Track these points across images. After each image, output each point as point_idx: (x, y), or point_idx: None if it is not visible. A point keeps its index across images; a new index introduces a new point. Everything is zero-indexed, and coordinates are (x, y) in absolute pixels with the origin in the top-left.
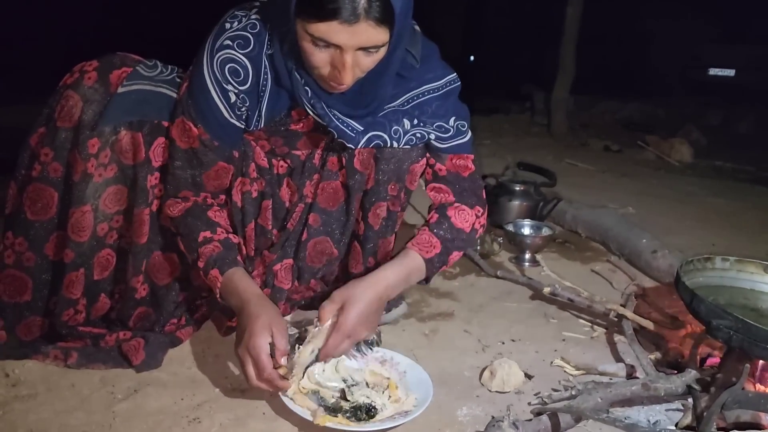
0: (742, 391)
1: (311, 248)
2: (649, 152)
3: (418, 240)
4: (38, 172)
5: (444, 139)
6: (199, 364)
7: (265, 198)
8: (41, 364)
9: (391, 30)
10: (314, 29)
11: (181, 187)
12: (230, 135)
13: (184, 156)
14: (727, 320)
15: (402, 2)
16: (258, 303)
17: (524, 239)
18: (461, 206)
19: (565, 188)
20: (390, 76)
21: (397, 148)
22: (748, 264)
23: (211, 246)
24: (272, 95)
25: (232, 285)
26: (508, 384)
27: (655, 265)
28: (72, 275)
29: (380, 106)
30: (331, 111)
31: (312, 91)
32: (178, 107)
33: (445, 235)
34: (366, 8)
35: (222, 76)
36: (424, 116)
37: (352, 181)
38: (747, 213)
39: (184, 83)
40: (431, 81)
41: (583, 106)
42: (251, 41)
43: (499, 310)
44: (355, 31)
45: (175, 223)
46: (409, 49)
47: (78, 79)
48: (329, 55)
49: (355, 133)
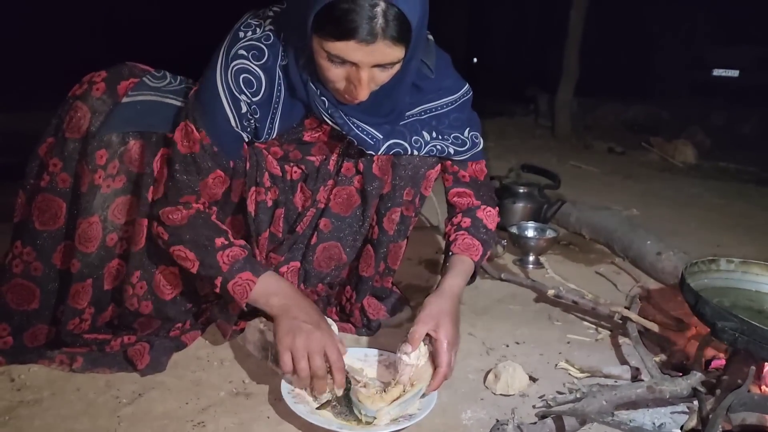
0: (747, 393)
1: (320, 252)
2: (653, 154)
3: (463, 245)
4: (47, 182)
5: (461, 152)
6: (204, 368)
7: (279, 206)
8: (46, 369)
9: (407, 46)
10: (331, 47)
11: (183, 192)
12: (231, 144)
13: (184, 160)
14: (732, 322)
15: (418, 17)
16: (314, 303)
17: (528, 241)
18: (487, 208)
19: (569, 190)
20: (406, 86)
21: (414, 155)
22: (753, 265)
23: (235, 250)
24: (286, 106)
25: (276, 284)
26: (512, 387)
27: (660, 267)
28: (78, 285)
29: (400, 115)
30: (350, 119)
31: (329, 101)
32: (183, 111)
33: (483, 236)
34: (383, 27)
35: (236, 86)
36: (441, 126)
37: (370, 187)
38: (751, 214)
39: (194, 89)
40: (448, 93)
41: (587, 108)
42: (265, 52)
43: (503, 312)
44: (372, 50)
45: (177, 231)
46: (424, 60)
47: (87, 90)
48: (345, 71)
49: (374, 141)
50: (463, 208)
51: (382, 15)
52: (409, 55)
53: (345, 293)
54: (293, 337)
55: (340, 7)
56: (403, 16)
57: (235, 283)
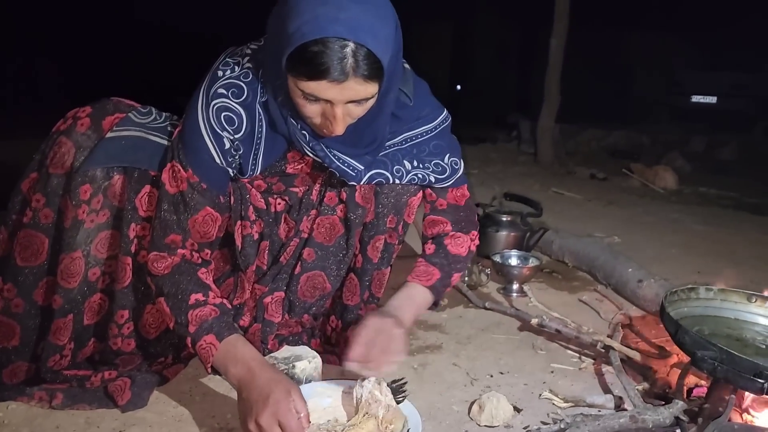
0: (728, 423)
1: (304, 282)
2: (634, 180)
3: (417, 273)
4: (29, 218)
5: (442, 180)
6: (186, 403)
7: (264, 239)
8: (26, 406)
9: (380, 81)
10: (305, 86)
11: (169, 231)
12: (219, 179)
13: (172, 200)
14: (711, 351)
15: (391, 53)
16: (270, 369)
17: (512, 270)
18: (457, 234)
19: (552, 217)
20: (386, 117)
21: (396, 184)
22: (732, 293)
23: (206, 309)
24: (268, 141)
25: (234, 351)
26: (497, 418)
27: (641, 295)
28: (60, 322)
29: (381, 145)
30: (332, 152)
31: (309, 135)
32: (169, 152)
33: (442, 262)
34: (354, 67)
35: (218, 123)
36: (422, 154)
37: (353, 215)
38: (731, 239)
39: (177, 129)
40: (427, 121)
41: (569, 135)
42: (245, 90)
43: (487, 342)
44: (344, 88)
45: (160, 281)
46: (402, 88)
47: (71, 125)
48: (321, 107)
49: (356, 172)
50: (434, 235)
51: (351, 55)
52: (385, 88)
53: (330, 323)
54: (247, 420)
55: (311, 49)
56: (372, 55)
57: (200, 345)
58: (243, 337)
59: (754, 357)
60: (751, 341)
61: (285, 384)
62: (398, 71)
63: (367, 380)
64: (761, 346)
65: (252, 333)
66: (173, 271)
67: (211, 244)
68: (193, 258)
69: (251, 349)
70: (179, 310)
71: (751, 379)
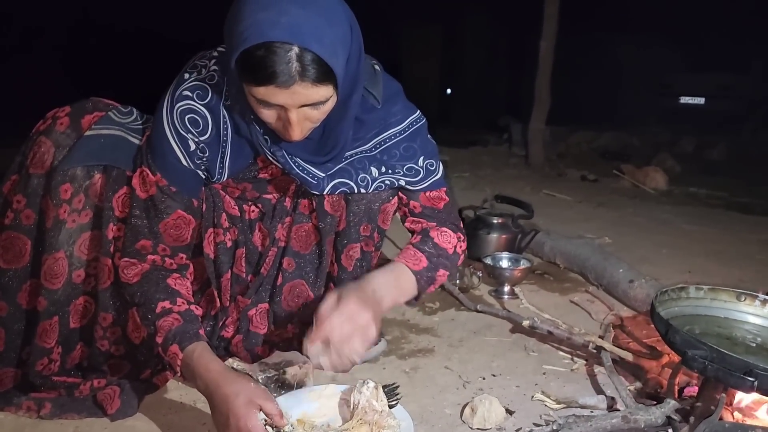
0: (719, 422)
1: (287, 292)
2: (624, 181)
3: (404, 254)
4: (11, 219)
5: (415, 183)
6: (176, 410)
7: (239, 246)
8: (13, 416)
9: (334, 84)
10: (255, 92)
11: (140, 237)
12: (188, 181)
13: (143, 205)
14: (702, 350)
15: (346, 55)
16: (228, 381)
17: (503, 272)
18: (443, 228)
19: (543, 219)
20: (349, 122)
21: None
22: (722, 292)
23: (170, 318)
24: (234, 144)
25: (193, 364)
26: (489, 421)
27: (633, 295)
28: (45, 324)
29: (342, 152)
30: (293, 159)
31: (271, 140)
32: (138, 156)
33: (430, 251)
34: (299, 71)
35: (182, 125)
36: (392, 160)
37: (323, 224)
38: (721, 239)
39: (146, 134)
40: (395, 124)
41: (560, 137)
42: (209, 92)
43: (479, 344)
44: (294, 93)
45: (130, 291)
46: (371, 90)
47: (50, 125)
48: (276, 112)
49: (316, 180)
50: (418, 230)
51: (296, 59)
52: (346, 91)
53: None
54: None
55: (256, 54)
56: (319, 59)
57: (168, 355)
58: (204, 344)
59: (744, 355)
60: (741, 340)
61: (243, 396)
62: (360, 73)
63: (366, 386)
64: (751, 344)
65: (235, 344)
66: (142, 280)
67: (188, 247)
68: (165, 264)
69: (209, 359)
70: (148, 320)
71: (741, 377)
